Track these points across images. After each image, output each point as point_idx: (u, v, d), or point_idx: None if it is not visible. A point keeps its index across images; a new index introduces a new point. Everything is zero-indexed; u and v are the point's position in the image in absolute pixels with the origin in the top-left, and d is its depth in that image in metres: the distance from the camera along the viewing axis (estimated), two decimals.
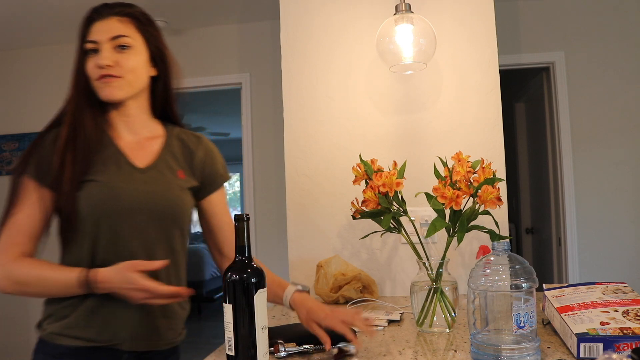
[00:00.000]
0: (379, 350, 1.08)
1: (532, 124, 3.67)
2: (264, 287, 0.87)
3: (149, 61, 1.15)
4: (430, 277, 1.22)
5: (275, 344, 1.03)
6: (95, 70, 1.08)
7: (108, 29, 1.09)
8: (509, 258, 0.96)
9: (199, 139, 1.25)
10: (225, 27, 3.43)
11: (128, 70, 1.10)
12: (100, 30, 1.09)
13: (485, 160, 1.23)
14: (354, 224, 1.73)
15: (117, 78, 1.08)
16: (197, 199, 1.22)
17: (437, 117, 1.76)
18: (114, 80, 1.08)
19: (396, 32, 1.59)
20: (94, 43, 1.09)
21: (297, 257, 1.80)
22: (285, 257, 1.81)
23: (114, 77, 1.08)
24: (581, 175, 2.88)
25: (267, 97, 3.34)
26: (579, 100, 2.89)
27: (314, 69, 1.83)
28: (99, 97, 1.10)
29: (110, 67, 1.07)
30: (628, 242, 2.81)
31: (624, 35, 2.86)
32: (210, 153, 1.24)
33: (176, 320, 1.16)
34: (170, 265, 1.10)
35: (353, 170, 1.36)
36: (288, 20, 1.86)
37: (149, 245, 1.08)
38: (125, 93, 1.11)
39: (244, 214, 0.88)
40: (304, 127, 1.82)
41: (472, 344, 0.98)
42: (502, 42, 1.88)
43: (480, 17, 1.75)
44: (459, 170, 1.20)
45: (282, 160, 1.85)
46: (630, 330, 0.92)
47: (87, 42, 1.09)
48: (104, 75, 1.07)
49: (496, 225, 1.25)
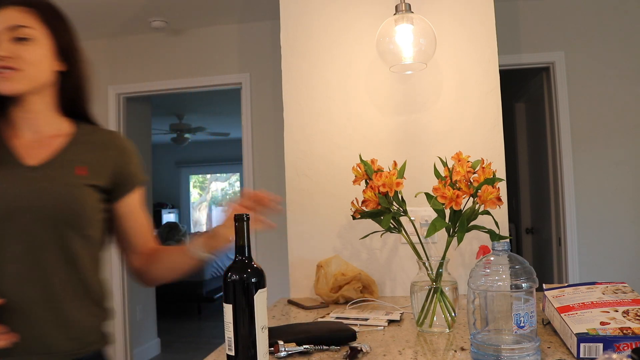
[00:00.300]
0: (379, 351, 1.08)
1: (532, 124, 3.67)
2: (264, 287, 0.87)
3: (55, 55, 1.07)
4: (430, 277, 1.22)
5: (275, 344, 1.03)
6: None
7: (5, 19, 1.02)
8: (509, 258, 0.96)
9: (113, 137, 1.17)
10: (225, 27, 3.43)
11: (28, 63, 1.02)
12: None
13: (485, 160, 1.23)
14: (354, 224, 1.73)
15: (15, 70, 1.01)
16: (111, 201, 1.13)
17: (437, 117, 1.76)
18: (11, 72, 1.01)
19: (396, 32, 1.59)
20: None
21: (297, 257, 1.80)
22: (285, 257, 1.81)
23: (11, 70, 1.01)
24: (581, 175, 2.88)
25: (267, 97, 3.34)
26: (579, 100, 2.89)
27: (314, 69, 1.83)
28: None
29: (8, 58, 1.00)
30: (628, 242, 2.81)
31: (624, 35, 2.86)
32: (123, 152, 1.15)
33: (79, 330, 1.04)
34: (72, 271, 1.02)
35: (353, 170, 1.36)
36: (288, 20, 1.86)
37: (36, 249, 0.99)
38: (24, 87, 1.03)
39: (243, 214, 0.88)
40: (304, 127, 1.82)
41: (472, 344, 0.98)
42: (502, 42, 1.88)
43: (480, 17, 1.75)
44: (459, 170, 1.20)
45: (282, 160, 1.85)
46: (630, 330, 0.92)
47: None
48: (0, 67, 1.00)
49: (496, 225, 1.25)
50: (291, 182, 1.82)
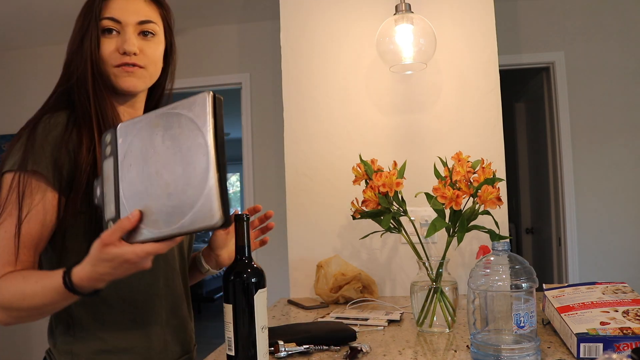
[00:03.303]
0: (379, 350, 1.08)
1: (532, 124, 3.67)
2: (264, 287, 0.87)
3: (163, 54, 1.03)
4: (430, 277, 1.22)
5: (275, 344, 1.03)
6: (115, 56, 0.94)
7: (135, 10, 0.95)
8: (509, 258, 0.96)
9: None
10: (225, 27, 3.43)
11: (150, 60, 0.98)
12: (124, 9, 0.94)
13: (485, 160, 1.23)
14: (354, 224, 1.73)
15: (140, 68, 0.96)
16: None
17: (437, 117, 1.76)
18: (137, 70, 0.96)
19: (396, 32, 1.59)
20: (115, 22, 0.94)
21: (297, 257, 1.80)
22: (285, 257, 1.81)
23: (137, 67, 0.96)
24: (581, 175, 2.88)
25: (267, 97, 3.34)
26: (579, 100, 2.89)
27: (314, 69, 1.83)
28: (115, 85, 0.96)
29: (136, 55, 0.95)
30: (628, 242, 2.81)
31: (624, 35, 2.86)
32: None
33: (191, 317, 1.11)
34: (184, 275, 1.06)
35: (353, 170, 1.36)
36: (288, 20, 1.86)
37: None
38: (144, 85, 0.99)
39: (243, 214, 0.88)
40: (304, 127, 1.82)
41: (472, 344, 0.98)
42: (502, 42, 1.88)
43: (480, 17, 1.75)
44: (459, 170, 1.20)
45: (282, 160, 1.84)
46: (630, 330, 0.92)
47: (106, 19, 0.94)
48: (127, 64, 0.94)
49: (496, 225, 1.25)
50: (291, 182, 1.82)
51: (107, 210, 0.79)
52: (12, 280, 0.82)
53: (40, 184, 0.87)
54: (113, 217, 0.78)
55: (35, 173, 0.86)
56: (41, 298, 0.80)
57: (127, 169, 0.77)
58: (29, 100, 3.61)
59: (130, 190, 0.76)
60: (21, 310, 0.82)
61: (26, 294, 0.80)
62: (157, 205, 0.73)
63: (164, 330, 1.00)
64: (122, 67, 0.95)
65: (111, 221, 0.78)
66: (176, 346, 1.03)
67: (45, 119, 0.90)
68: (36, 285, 0.80)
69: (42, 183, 0.87)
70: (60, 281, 0.78)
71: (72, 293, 0.78)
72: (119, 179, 0.77)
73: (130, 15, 0.95)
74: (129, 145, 0.78)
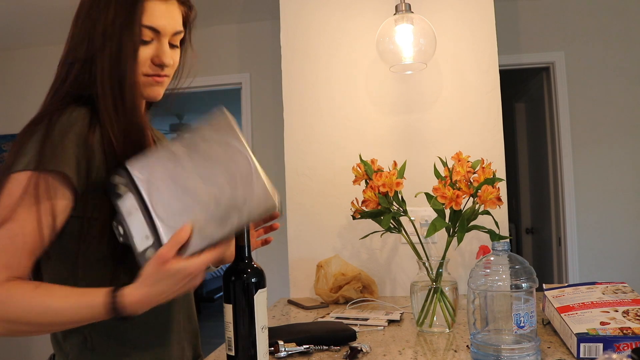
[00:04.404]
0: (379, 350, 1.08)
1: (532, 124, 3.67)
2: (264, 287, 0.87)
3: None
4: (430, 277, 1.22)
5: (275, 344, 1.03)
6: (149, 65, 0.90)
7: (172, 18, 0.91)
8: (509, 258, 0.96)
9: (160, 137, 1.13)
10: (225, 27, 3.42)
11: (174, 69, 0.96)
12: (165, 17, 0.89)
13: (485, 160, 1.23)
14: (354, 224, 1.73)
15: (167, 77, 0.94)
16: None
17: (437, 117, 1.76)
18: (165, 80, 0.94)
19: (396, 32, 1.59)
20: (155, 33, 0.89)
21: (297, 257, 1.80)
22: (285, 257, 1.81)
23: (165, 77, 0.93)
24: (581, 175, 2.88)
25: (267, 97, 3.34)
26: (579, 100, 2.89)
27: (314, 69, 1.83)
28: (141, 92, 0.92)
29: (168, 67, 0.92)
30: (628, 242, 2.81)
31: (624, 35, 2.86)
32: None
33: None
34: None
35: (353, 170, 1.36)
36: (288, 20, 1.86)
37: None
38: (162, 92, 0.96)
39: None
40: (304, 127, 1.82)
41: (472, 344, 0.98)
42: (502, 42, 1.88)
43: (480, 17, 1.75)
44: (459, 170, 1.20)
45: (282, 160, 1.85)
46: (630, 330, 0.92)
47: (148, 28, 0.88)
48: (160, 75, 0.91)
49: (496, 225, 1.25)
50: (291, 182, 1.82)
51: (139, 242, 0.78)
52: (25, 293, 0.75)
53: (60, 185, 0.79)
54: (151, 243, 0.77)
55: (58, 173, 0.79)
56: (71, 315, 0.75)
57: (157, 194, 0.79)
58: (29, 101, 3.60)
59: (167, 211, 0.78)
60: (31, 324, 0.75)
61: (51, 308, 0.74)
62: (205, 216, 0.78)
63: (181, 335, 1.00)
64: (154, 77, 0.91)
65: (150, 248, 0.77)
66: (189, 351, 1.03)
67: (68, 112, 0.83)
68: (65, 302, 0.75)
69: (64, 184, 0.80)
70: (101, 301, 0.74)
71: (115, 314, 0.75)
72: (151, 205, 0.79)
73: (170, 24, 0.90)
74: (150, 174, 0.80)
